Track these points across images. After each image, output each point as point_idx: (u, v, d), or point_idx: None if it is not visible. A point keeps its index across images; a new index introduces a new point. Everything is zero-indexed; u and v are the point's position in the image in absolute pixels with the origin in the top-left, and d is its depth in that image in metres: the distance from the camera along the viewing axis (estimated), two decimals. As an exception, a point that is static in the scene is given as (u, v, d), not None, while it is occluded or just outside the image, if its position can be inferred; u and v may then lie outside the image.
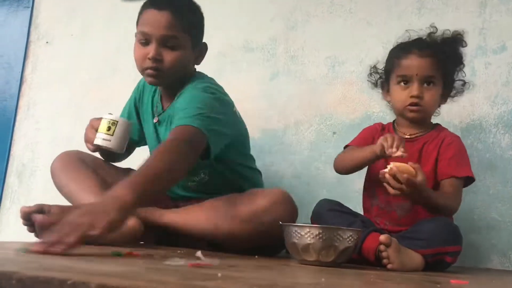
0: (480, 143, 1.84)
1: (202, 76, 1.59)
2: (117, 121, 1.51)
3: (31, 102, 2.64)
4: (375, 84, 1.64)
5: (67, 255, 0.86)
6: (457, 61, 1.56)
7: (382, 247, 1.24)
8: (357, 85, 2.01)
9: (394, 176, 1.32)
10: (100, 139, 1.50)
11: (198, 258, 0.92)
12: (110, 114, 1.55)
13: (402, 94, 1.51)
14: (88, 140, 1.56)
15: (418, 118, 1.53)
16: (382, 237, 1.23)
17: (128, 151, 1.70)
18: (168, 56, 1.46)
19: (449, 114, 1.88)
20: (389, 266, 1.23)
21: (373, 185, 1.55)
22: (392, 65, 1.56)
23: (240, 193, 1.47)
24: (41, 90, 2.63)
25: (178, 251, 1.27)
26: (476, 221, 1.80)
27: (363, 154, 1.47)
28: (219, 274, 0.75)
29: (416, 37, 1.56)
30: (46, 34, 2.67)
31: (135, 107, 1.73)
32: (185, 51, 1.49)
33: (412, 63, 1.50)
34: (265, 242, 1.40)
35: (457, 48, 1.55)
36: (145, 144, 1.76)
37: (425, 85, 1.50)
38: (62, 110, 2.54)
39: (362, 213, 1.59)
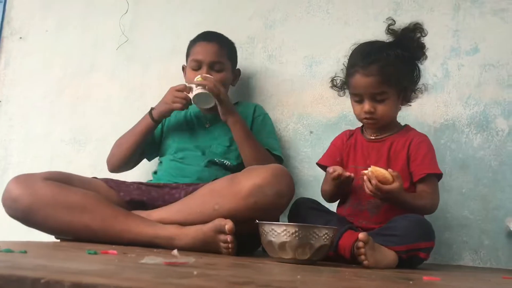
0: (453, 143, 1.88)
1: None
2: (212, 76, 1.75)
3: (4, 98, 2.58)
4: (340, 91, 1.65)
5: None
6: (417, 57, 1.54)
7: (360, 244, 1.25)
8: (334, 85, 2.02)
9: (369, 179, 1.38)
10: (201, 88, 1.69)
11: (174, 257, 0.91)
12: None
13: (357, 108, 1.56)
14: (177, 105, 1.72)
15: (376, 127, 1.58)
16: (361, 235, 1.25)
17: (138, 160, 1.93)
18: (217, 77, 1.79)
19: (423, 115, 1.92)
20: (365, 263, 1.25)
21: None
22: (347, 81, 1.59)
23: (237, 173, 1.49)
24: (14, 86, 2.58)
25: (154, 250, 1.26)
26: (449, 219, 1.83)
27: (329, 186, 1.55)
28: (195, 272, 0.75)
29: (369, 40, 1.56)
30: (19, 29, 2.62)
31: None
32: (227, 73, 1.87)
33: (359, 83, 1.51)
34: (267, 217, 1.37)
35: (418, 38, 1.52)
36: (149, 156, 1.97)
37: (378, 98, 1.51)
38: (36, 107, 2.50)
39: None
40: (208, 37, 1.88)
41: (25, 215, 1.41)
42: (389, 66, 1.49)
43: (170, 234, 1.38)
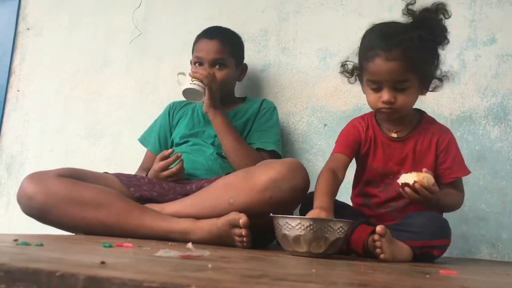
0: (470, 135, 1.85)
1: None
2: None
3: (19, 93, 2.62)
4: (350, 77, 1.51)
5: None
6: (439, 41, 1.38)
7: (376, 237, 1.23)
8: (348, 77, 2.00)
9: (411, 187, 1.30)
10: (195, 84, 1.73)
11: (189, 250, 0.91)
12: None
13: (373, 97, 1.41)
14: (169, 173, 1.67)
15: (392, 118, 1.46)
16: (379, 228, 1.22)
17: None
18: (218, 74, 1.81)
19: (440, 106, 1.89)
20: (381, 256, 1.23)
21: (364, 187, 1.53)
22: (361, 66, 1.43)
23: (251, 166, 1.48)
24: (29, 81, 2.61)
25: (169, 243, 1.26)
26: (466, 213, 1.81)
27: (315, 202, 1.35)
28: (210, 265, 0.75)
29: (388, 21, 1.40)
30: (34, 25, 2.64)
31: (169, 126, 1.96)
32: (230, 70, 1.88)
33: (380, 68, 1.34)
34: (282, 211, 1.36)
35: (440, 20, 1.36)
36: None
37: (399, 87, 1.36)
38: (51, 102, 2.52)
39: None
40: (210, 34, 1.89)
41: (40, 213, 1.42)
42: (414, 50, 1.32)
43: (185, 228, 1.38)
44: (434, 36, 1.37)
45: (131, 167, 1.95)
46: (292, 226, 1.18)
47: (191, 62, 1.95)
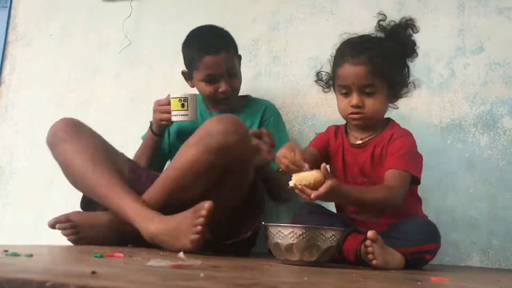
0: (459, 142, 1.87)
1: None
2: (187, 97, 1.71)
3: (9, 103, 2.59)
4: (325, 87, 1.58)
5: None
6: (407, 53, 1.47)
7: (368, 242, 1.24)
8: (338, 86, 2.02)
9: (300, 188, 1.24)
10: (179, 115, 1.71)
11: (181, 259, 0.91)
12: (172, 94, 1.74)
13: (343, 103, 1.47)
14: (164, 119, 1.73)
15: (362, 125, 1.49)
16: (370, 233, 1.23)
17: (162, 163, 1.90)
18: (233, 83, 1.83)
19: (429, 115, 1.91)
20: (374, 262, 1.23)
21: None
22: (333, 73, 1.51)
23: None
24: (19, 91, 2.59)
25: (161, 253, 1.25)
26: (457, 220, 1.82)
27: None
28: (202, 274, 0.75)
29: (356, 35, 1.49)
30: (24, 35, 2.63)
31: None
32: (238, 72, 1.87)
33: (348, 73, 1.43)
34: (234, 164, 1.43)
35: (408, 35, 1.46)
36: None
37: (366, 91, 1.43)
38: (41, 112, 2.50)
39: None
40: (214, 49, 1.79)
41: (55, 144, 1.57)
42: (380, 57, 1.41)
43: (149, 214, 1.36)
44: (402, 47, 1.47)
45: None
46: (284, 234, 1.18)
47: (184, 74, 1.90)
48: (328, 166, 1.32)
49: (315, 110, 2.06)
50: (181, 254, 0.94)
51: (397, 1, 2.01)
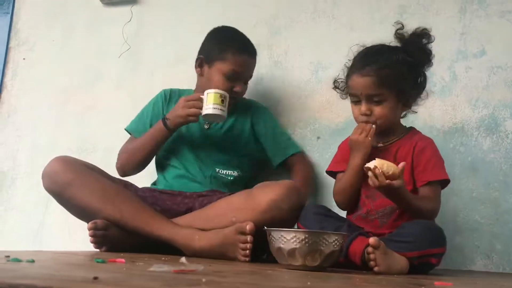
0: (462, 146, 1.86)
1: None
2: (227, 96, 1.71)
3: (11, 109, 2.60)
4: (342, 93, 1.65)
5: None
6: (422, 62, 1.54)
7: (369, 249, 1.24)
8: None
9: (378, 173, 1.34)
10: (217, 109, 1.67)
11: (183, 264, 0.90)
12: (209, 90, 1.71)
13: (355, 110, 1.56)
14: (192, 114, 1.71)
15: (376, 132, 1.53)
16: (372, 240, 1.24)
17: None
18: (245, 89, 1.89)
19: (432, 118, 1.90)
20: (376, 268, 1.24)
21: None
22: (346, 83, 1.59)
23: (251, 188, 1.56)
24: (21, 96, 2.59)
25: (163, 258, 1.25)
26: (460, 224, 1.81)
27: (349, 174, 1.53)
28: (204, 280, 0.75)
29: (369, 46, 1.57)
30: (26, 40, 2.64)
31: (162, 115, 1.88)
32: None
33: (356, 83, 1.52)
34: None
35: (424, 44, 1.53)
36: None
37: (375, 99, 1.50)
38: (43, 117, 2.51)
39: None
40: (252, 51, 1.88)
41: (62, 189, 1.54)
42: (386, 68, 1.49)
43: (189, 233, 1.47)
44: (416, 58, 1.53)
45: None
46: (287, 239, 1.17)
47: (200, 61, 1.86)
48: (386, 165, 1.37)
49: (317, 115, 2.05)
50: (183, 259, 0.93)
51: (399, 5, 2.01)
